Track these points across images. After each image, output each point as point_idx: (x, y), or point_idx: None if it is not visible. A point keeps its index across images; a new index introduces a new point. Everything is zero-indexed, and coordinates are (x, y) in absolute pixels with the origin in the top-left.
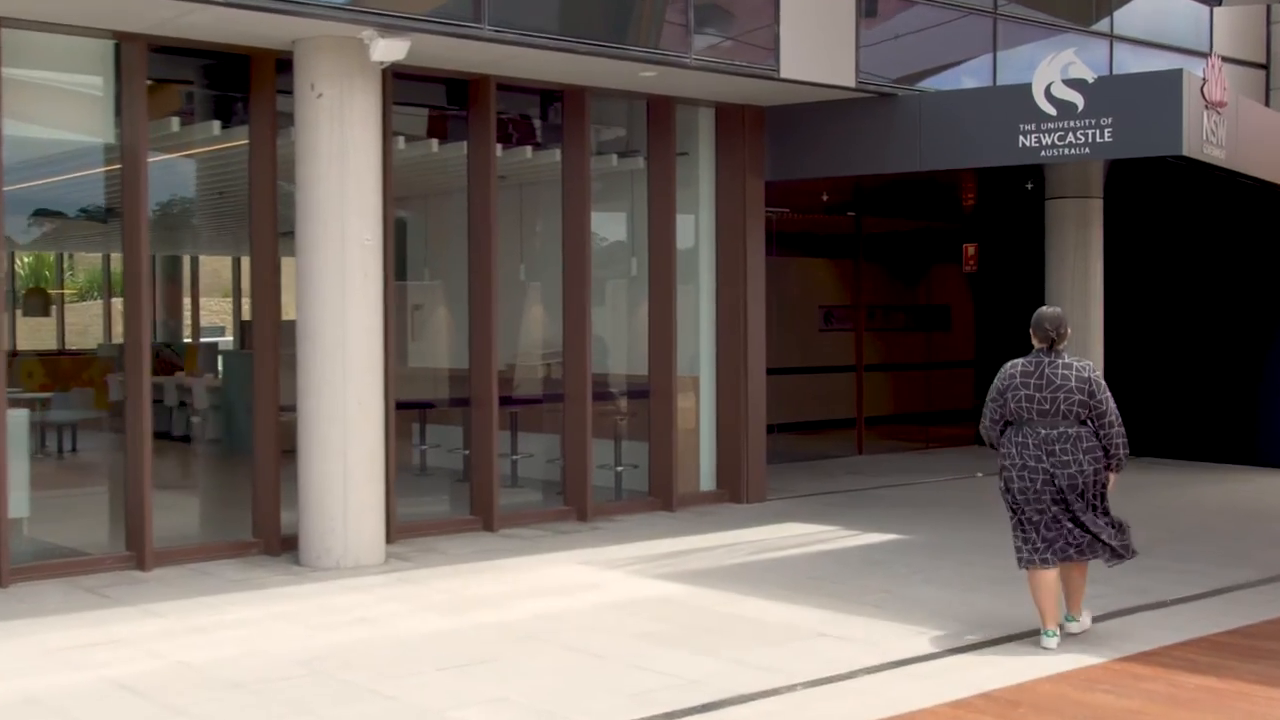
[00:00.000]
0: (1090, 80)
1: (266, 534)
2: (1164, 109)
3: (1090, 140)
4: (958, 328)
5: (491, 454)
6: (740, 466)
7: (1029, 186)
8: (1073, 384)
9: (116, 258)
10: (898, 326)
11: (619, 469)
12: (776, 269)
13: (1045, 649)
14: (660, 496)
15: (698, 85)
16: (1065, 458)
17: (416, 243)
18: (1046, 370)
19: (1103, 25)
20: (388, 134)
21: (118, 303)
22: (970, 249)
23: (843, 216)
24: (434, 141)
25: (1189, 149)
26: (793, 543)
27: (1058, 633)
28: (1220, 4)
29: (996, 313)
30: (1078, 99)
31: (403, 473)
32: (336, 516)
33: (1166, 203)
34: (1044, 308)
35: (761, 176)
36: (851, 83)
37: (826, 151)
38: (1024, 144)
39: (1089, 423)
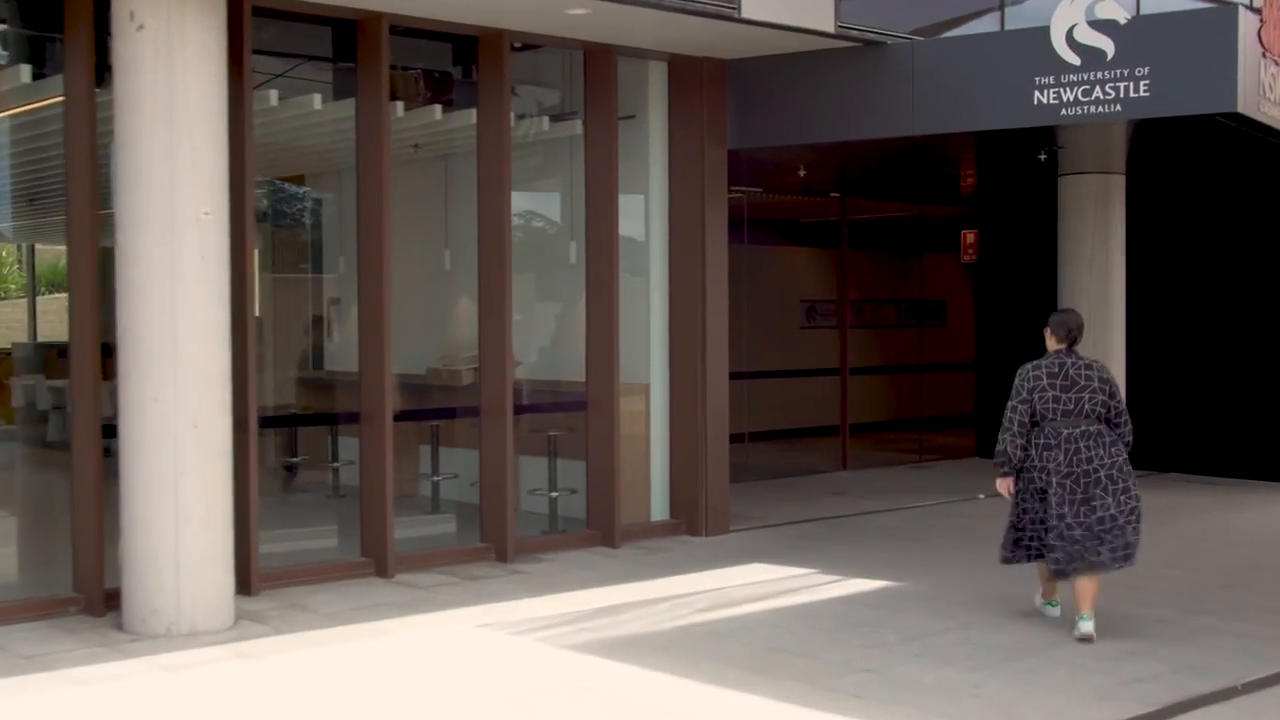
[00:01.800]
0: (1123, 22)
1: (89, 588)
2: (1215, 56)
3: (1122, 95)
4: (955, 325)
5: (384, 480)
6: (698, 492)
7: (1042, 157)
8: (1095, 384)
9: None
10: (888, 323)
11: (553, 495)
12: (750, 259)
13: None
14: (600, 529)
15: (642, 30)
16: (1090, 454)
17: (333, 227)
18: (1070, 370)
19: None
20: (244, 81)
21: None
22: (969, 236)
23: (825, 199)
24: (315, 98)
25: (1244, 105)
26: (756, 593)
27: (1058, 603)
28: None
29: (999, 308)
30: (1107, 45)
31: (308, 499)
32: (166, 569)
33: (1197, 179)
34: (1062, 309)
35: (723, 144)
36: (830, 28)
37: (801, 114)
38: (1040, 101)
39: (1107, 420)
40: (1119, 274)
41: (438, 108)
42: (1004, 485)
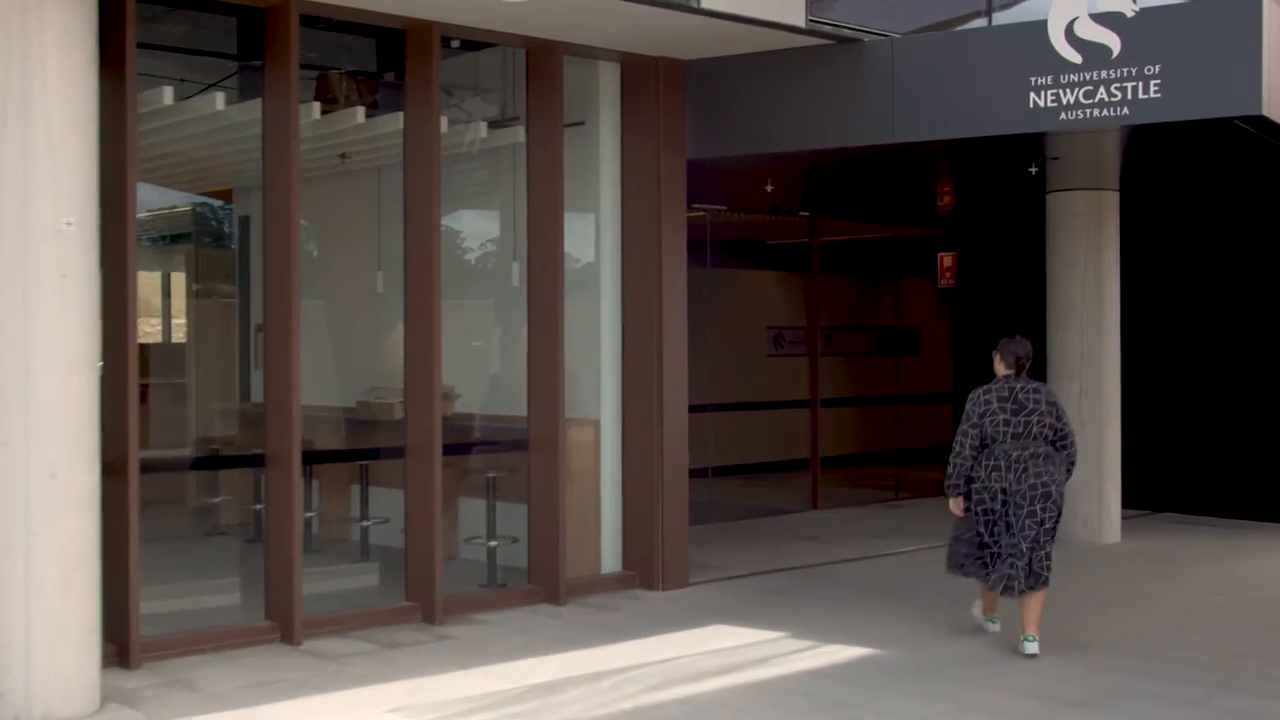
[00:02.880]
0: (1130, 14)
1: None
2: (1235, 52)
3: (1130, 97)
4: (930, 353)
5: (291, 534)
6: (653, 540)
7: (1034, 170)
8: (1044, 407)
9: None
10: (860, 351)
11: (491, 544)
12: (713, 282)
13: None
14: (543, 584)
15: (591, 23)
16: (1038, 475)
17: (259, 245)
18: (1019, 395)
19: None
20: (126, 75)
21: None
22: (947, 260)
23: (793, 218)
24: (218, 98)
25: (1270, 108)
26: (716, 664)
27: (999, 619)
28: None
29: (979, 335)
30: (1112, 40)
31: (222, 547)
32: (14, 646)
33: (1196, 194)
34: (1010, 338)
35: (682, 154)
36: (800, 22)
37: (767, 120)
38: (1037, 104)
39: (1054, 443)
40: (1113, 298)
41: (360, 111)
42: (956, 505)
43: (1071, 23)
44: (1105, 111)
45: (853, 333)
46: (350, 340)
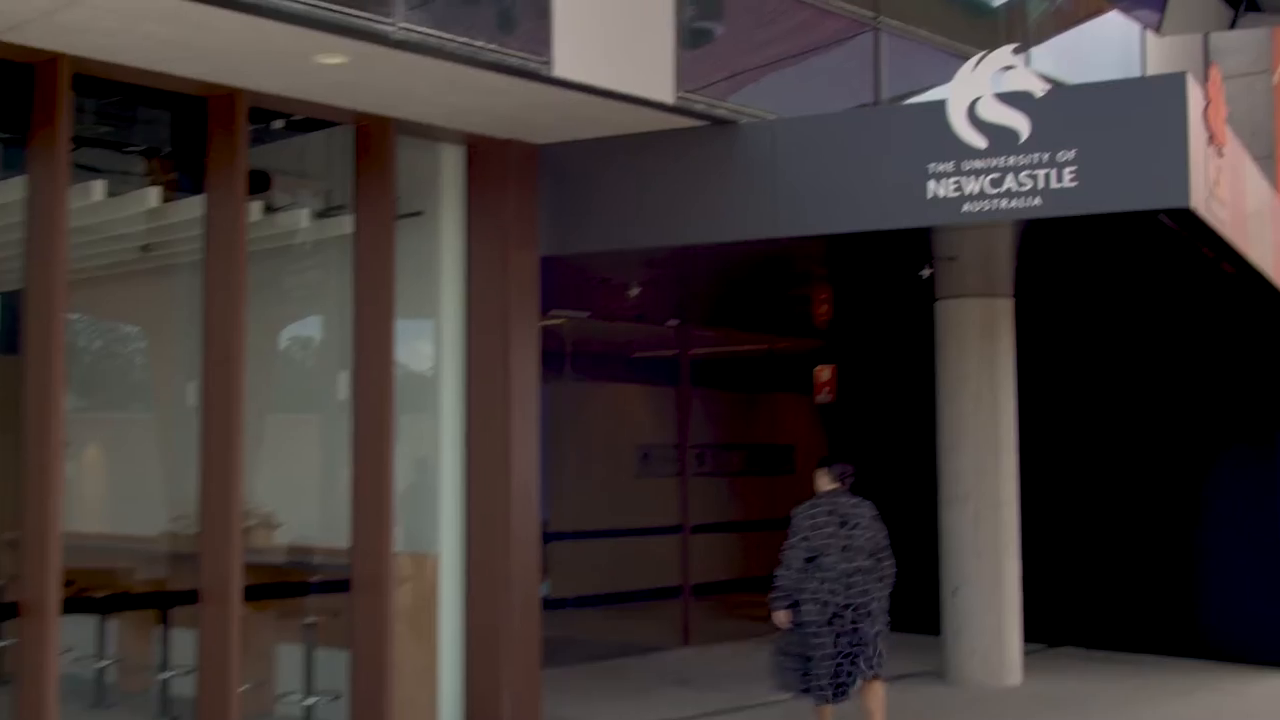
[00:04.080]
0: (1039, 94)
1: None
2: (1160, 137)
3: (1041, 186)
4: (808, 473)
5: (45, 693)
6: (499, 694)
7: (926, 273)
8: (866, 521)
9: None
10: (734, 471)
11: (309, 702)
12: (574, 397)
13: None
14: None
15: (423, 93)
16: (863, 588)
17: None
18: (844, 509)
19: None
20: None
21: None
22: (825, 373)
23: (662, 328)
24: None
25: (1196, 200)
26: None
27: None
28: (1160, 30)
29: (859, 453)
30: (1020, 123)
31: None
32: None
33: (1096, 302)
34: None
35: (534, 250)
36: (668, 98)
37: (631, 212)
38: (936, 194)
39: (873, 555)
40: (1009, 415)
41: (154, 192)
42: (781, 617)
43: (974, 103)
44: (1014, 202)
45: (725, 451)
46: (159, 460)
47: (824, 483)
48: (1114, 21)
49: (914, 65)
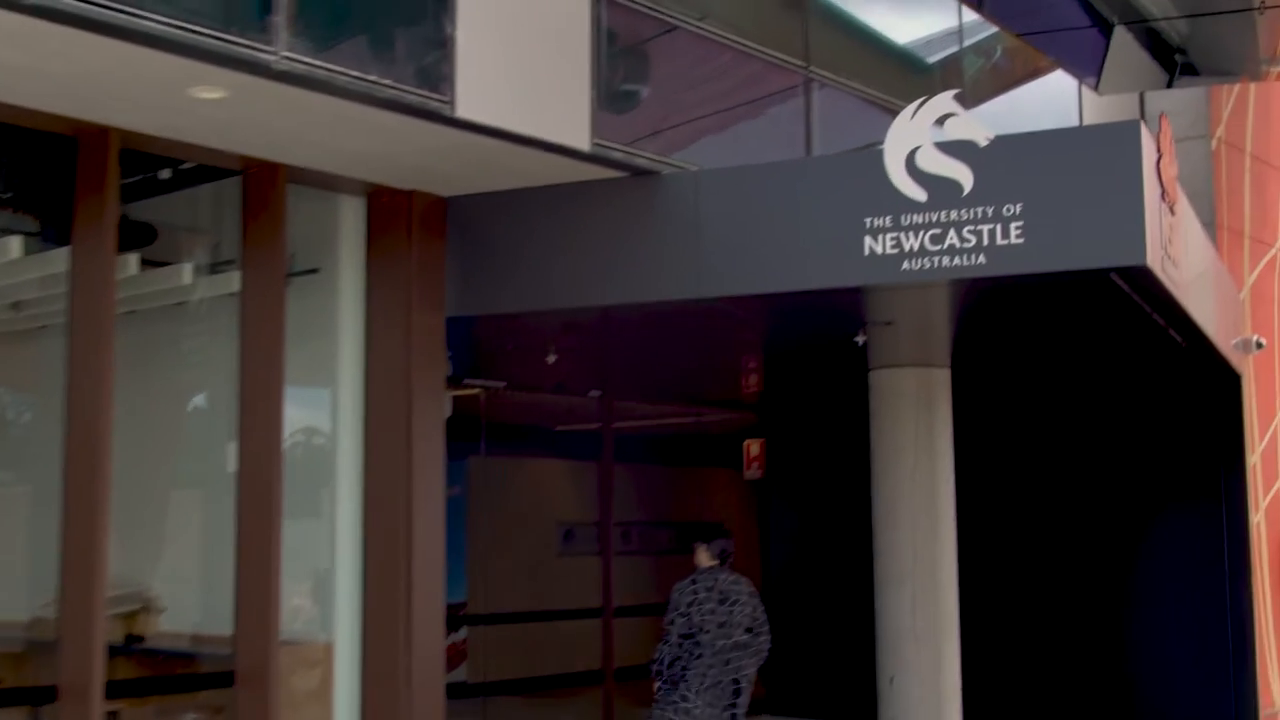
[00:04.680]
0: (983, 143)
1: None
2: (1114, 189)
3: (986, 242)
4: (737, 551)
5: None
6: None
7: (860, 340)
8: (744, 597)
9: None
10: (660, 549)
11: None
12: (490, 472)
13: None
14: None
15: (317, 136)
16: (739, 664)
17: None
18: (722, 585)
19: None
20: None
21: None
22: (754, 447)
23: (583, 398)
24: None
25: (1152, 258)
26: None
27: None
28: (1097, 89)
29: (789, 531)
30: (963, 174)
31: None
32: None
33: (1037, 370)
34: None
35: (440, 311)
36: (584, 145)
37: (545, 270)
38: (873, 251)
39: (750, 629)
40: (948, 492)
41: (15, 242)
42: (663, 691)
43: (913, 153)
44: (957, 260)
45: (651, 529)
46: (26, 540)
47: (704, 559)
48: (1050, 80)
49: (847, 120)
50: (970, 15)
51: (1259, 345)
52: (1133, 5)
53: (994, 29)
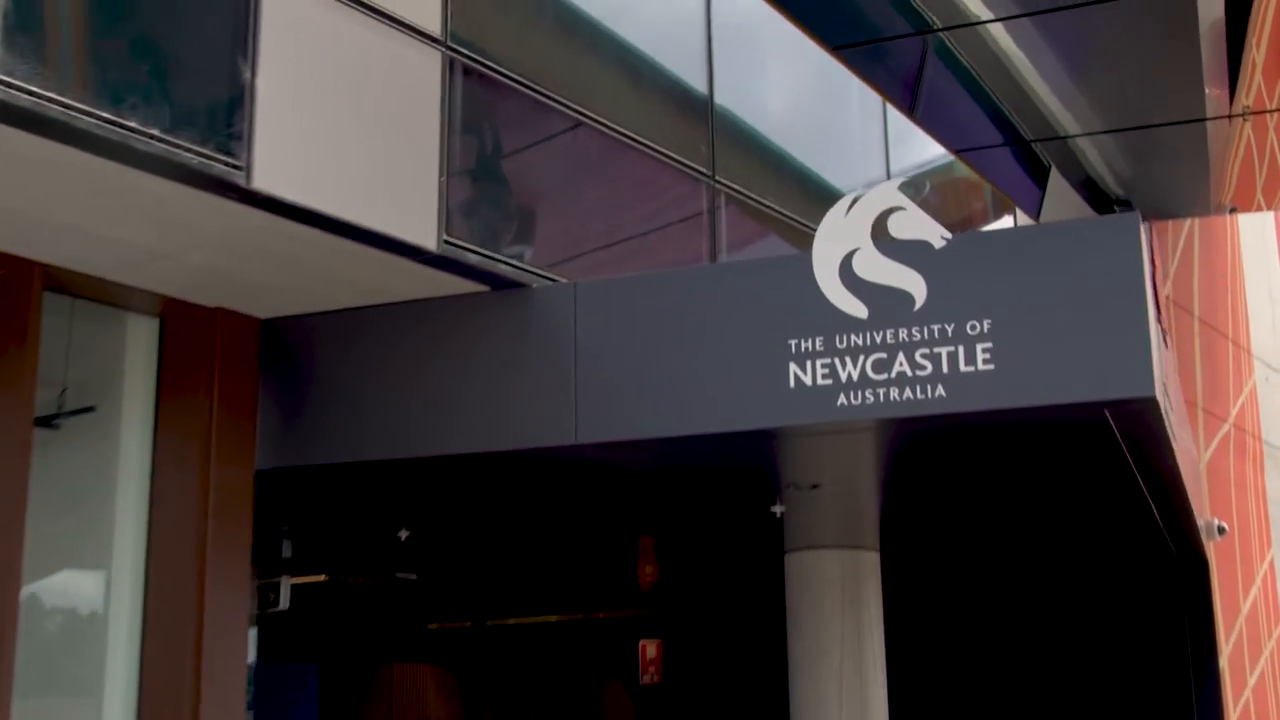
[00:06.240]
0: (939, 244)
1: None
2: (1110, 298)
3: (945, 370)
4: None
5: None
6: None
7: (779, 510)
8: None
9: None
10: None
11: None
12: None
13: None
14: None
15: (80, 221)
16: None
17: None
18: None
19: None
20: None
21: None
22: (651, 649)
23: (452, 592)
24: None
25: (1160, 390)
26: None
27: None
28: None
29: None
30: (914, 283)
31: None
32: None
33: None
34: None
35: (249, 462)
36: (430, 243)
37: (387, 411)
38: (800, 381)
39: None
40: (880, 699)
41: None
42: None
43: (849, 257)
44: (908, 392)
45: None
46: None
47: None
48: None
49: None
50: (904, 160)
51: (1221, 531)
52: (1073, 155)
53: (925, 165)
